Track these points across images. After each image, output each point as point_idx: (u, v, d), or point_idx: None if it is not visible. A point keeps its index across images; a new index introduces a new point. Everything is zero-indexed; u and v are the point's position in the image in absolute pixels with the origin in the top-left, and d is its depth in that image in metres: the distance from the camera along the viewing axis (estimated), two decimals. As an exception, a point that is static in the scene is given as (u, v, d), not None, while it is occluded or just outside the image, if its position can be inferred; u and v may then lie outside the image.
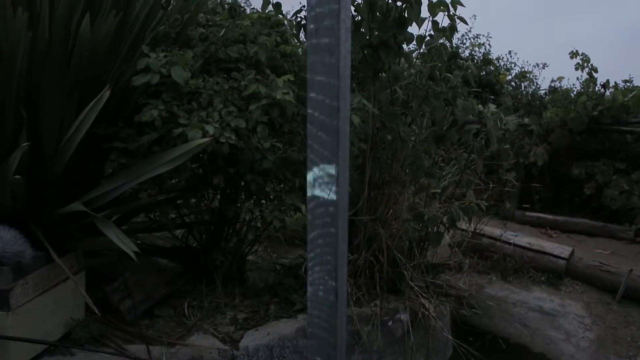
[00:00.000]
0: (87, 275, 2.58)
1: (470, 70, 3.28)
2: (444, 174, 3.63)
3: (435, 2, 2.99)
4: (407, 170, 3.34)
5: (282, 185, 2.79)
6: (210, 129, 2.34)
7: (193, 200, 3.02)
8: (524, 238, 4.67)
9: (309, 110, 1.27)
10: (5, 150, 2.27)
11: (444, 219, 3.34)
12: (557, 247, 4.50)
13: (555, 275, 4.34)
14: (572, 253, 4.48)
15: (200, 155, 2.58)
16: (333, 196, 1.20)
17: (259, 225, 3.10)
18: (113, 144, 2.56)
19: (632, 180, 5.86)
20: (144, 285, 2.83)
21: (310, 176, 1.22)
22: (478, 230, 4.31)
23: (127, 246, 2.19)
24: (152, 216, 3.10)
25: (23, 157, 2.18)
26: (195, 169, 2.86)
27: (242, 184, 2.85)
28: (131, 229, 3.07)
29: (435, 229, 3.38)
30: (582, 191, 6.32)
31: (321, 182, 1.21)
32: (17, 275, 2.15)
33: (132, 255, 2.16)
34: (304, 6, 3.05)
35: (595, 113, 6.15)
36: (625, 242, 5.62)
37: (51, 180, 2.52)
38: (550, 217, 6.22)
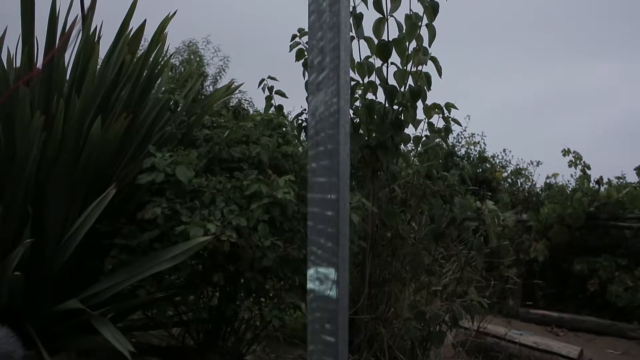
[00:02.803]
0: (78, 377, 2.49)
1: (465, 169, 3.38)
2: (444, 271, 3.61)
3: (430, 106, 3.15)
4: (408, 268, 3.33)
5: (281, 283, 2.77)
6: (211, 227, 2.37)
7: (192, 297, 2.98)
8: (530, 337, 4.54)
9: (310, 210, 1.31)
10: (8, 246, 2.29)
11: (446, 318, 3.27)
12: (565, 347, 4.35)
13: (565, 377, 4.17)
14: (581, 353, 4.33)
15: (201, 252, 2.59)
16: (333, 295, 1.21)
17: (258, 324, 3.03)
18: (114, 240, 2.58)
19: (636, 276, 5.80)
20: (137, 388, 2.72)
21: (310, 275, 1.23)
22: (481, 329, 4.19)
23: (123, 346, 2.14)
24: (149, 314, 3.04)
25: (24, 253, 2.20)
26: (194, 266, 2.85)
27: (242, 281, 2.83)
28: (127, 327, 3.01)
29: (437, 328, 3.30)
30: (585, 287, 6.23)
31: (321, 281, 1.22)
32: (5, 377, 2.08)
33: (128, 355, 2.10)
34: (304, 109, 3.22)
35: (592, 209, 6.23)
36: (636, 342, 5.44)
37: (50, 276, 2.52)
38: (555, 314, 6.08)
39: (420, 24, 2.93)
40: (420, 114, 3.12)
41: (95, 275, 2.63)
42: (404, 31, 2.91)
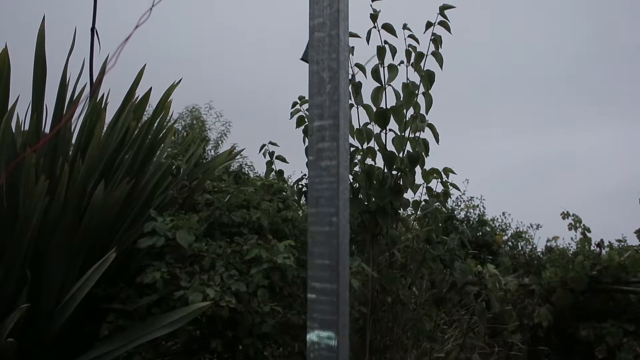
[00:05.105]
0: None
1: (465, 233, 3.38)
2: (446, 337, 3.54)
3: (429, 171, 3.20)
4: (409, 334, 3.26)
5: (280, 350, 2.71)
6: (211, 292, 2.35)
7: (188, 365, 2.90)
8: (537, 408, 4.37)
9: (310, 273, 1.31)
10: (4, 310, 2.26)
11: (450, 387, 3.18)
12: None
13: None
14: None
15: (199, 317, 2.55)
16: (333, 364, 1.19)
17: (256, 393, 2.94)
18: (112, 305, 2.55)
19: (644, 343, 5.66)
20: None
21: (310, 342, 1.22)
22: (487, 399, 4.05)
23: (116, 417, 2.07)
24: (143, 382, 2.95)
25: (19, 319, 2.17)
26: (192, 332, 2.80)
27: (240, 347, 2.77)
28: (120, 397, 2.91)
29: (441, 398, 3.20)
30: (593, 354, 6.06)
31: (321, 348, 1.21)
32: None
33: None
34: (305, 174, 3.26)
35: (594, 272, 6.17)
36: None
37: (44, 342, 2.47)
38: (563, 383, 5.88)
39: (417, 92, 3.03)
40: (418, 179, 3.16)
41: (90, 341, 2.58)
42: (401, 99, 3.01)
